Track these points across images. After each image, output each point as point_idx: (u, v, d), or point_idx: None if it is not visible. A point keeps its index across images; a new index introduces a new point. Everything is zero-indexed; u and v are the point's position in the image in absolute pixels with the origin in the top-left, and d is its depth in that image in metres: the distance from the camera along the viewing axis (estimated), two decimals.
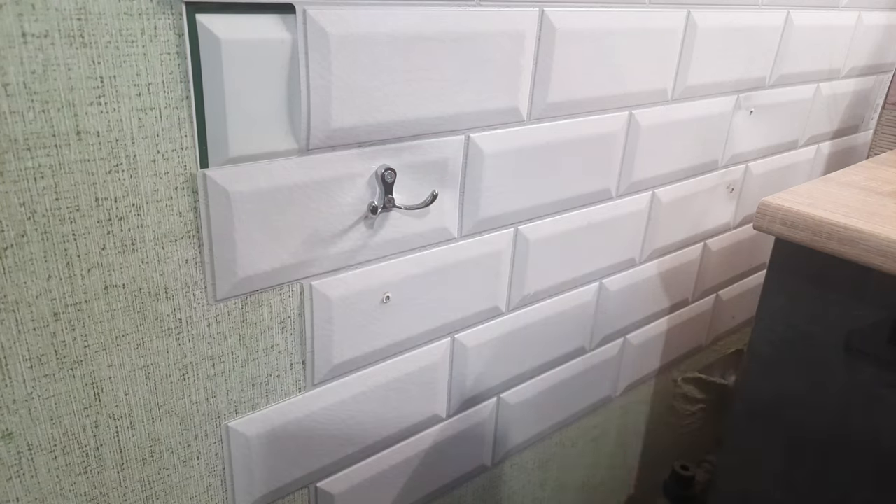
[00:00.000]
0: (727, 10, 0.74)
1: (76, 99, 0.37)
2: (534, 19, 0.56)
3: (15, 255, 0.38)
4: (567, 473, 0.91)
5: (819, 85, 0.97)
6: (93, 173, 0.39)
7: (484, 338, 0.67)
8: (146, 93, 0.39)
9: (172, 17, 0.39)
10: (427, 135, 0.53)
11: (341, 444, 0.59)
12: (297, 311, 0.51)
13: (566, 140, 0.64)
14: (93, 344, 0.42)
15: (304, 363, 0.54)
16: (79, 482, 0.45)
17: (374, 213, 0.52)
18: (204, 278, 0.45)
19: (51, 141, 0.37)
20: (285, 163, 0.46)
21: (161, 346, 0.45)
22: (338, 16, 0.44)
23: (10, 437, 0.41)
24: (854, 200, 0.78)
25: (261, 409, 0.53)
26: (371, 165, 0.51)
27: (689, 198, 0.84)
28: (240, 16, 0.41)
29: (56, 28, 0.35)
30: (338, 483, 0.60)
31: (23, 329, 0.39)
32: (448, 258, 0.59)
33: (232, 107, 0.42)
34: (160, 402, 0.47)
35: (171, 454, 0.49)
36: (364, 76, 0.47)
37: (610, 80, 0.65)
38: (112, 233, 0.41)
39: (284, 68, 0.44)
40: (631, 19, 0.64)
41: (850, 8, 0.93)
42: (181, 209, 0.43)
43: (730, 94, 0.81)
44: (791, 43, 0.86)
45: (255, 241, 0.46)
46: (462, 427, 0.70)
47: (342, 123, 0.47)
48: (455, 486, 0.74)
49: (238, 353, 0.49)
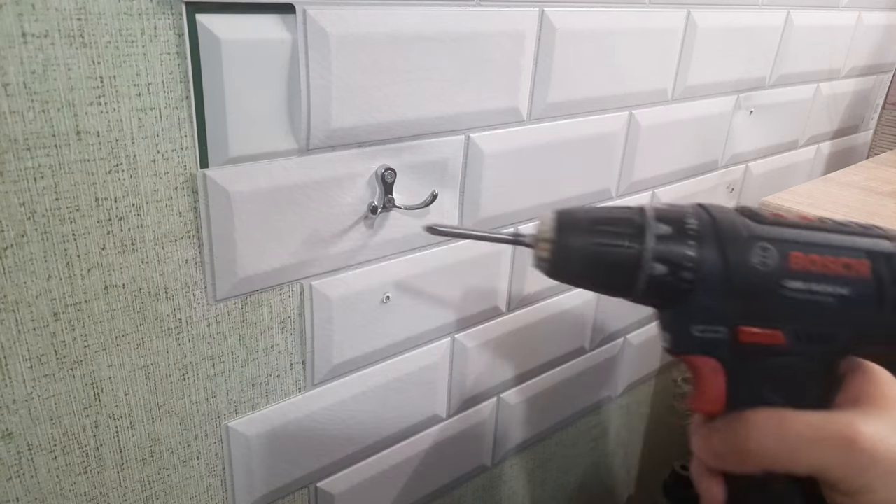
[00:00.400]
0: (727, 10, 0.74)
1: (76, 99, 0.37)
2: (534, 19, 0.56)
3: (15, 255, 0.38)
4: (567, 473, 0.91)
5: (819, 85, 0.97)
6: (93, 173, 0.39)
7: (484, 338, 0.67)
8: (146, 93, 0.39)
9: (172, 17, 0.39)
10: (427, 135, 0.53)
11: (341, 444, 0.59)
12: (297, 311, 0.51)
13: (566, 140, 0.64)
14: (93, 344, 0.42)
15: (304, 363, 0.54)
16: (79, 482, 0.45)
17: (374, 213, 0.52)
18: (204, 278, 0.45)
19: (51, 141, 0.37)
20: (285, 163, 0.46)
21: (161, 346, 0.45)
22: (338, 16, 0.44)
23: (10, 437, 0.41)
24: (854, 200, 0.78)
25: (261, 409, 0.53)
26: (371, 165, 0.51)
27: (689, 198, 0.84)
28: (240, 16, 0.41)
29: (56, 28, 0.35)
30: (338, 483, 0.60)
31: (23, 329, 0.39)
32: (448, 258, 0.59)
33: (232, 107, 0.42)
34: (160, 402, 0.47)
35: (171, 454, 0.49)
36: (364, 76, 0.47)
37: (610, 80, 0.65)
38: (112, 233, 0.41)
39: (284, 68, 0.44)
40: (631, 19, 0.64)
41: (850, 8, 0.93)
42: (181, 209, 0.43)
43: (730, 94, 0.81)
44: (791, 43, 0.86)
45: (255, 241, 0.46)
46: (462, 427, 0.70)
47: (342, 123, 0.47)
48: (455, 486, 0.74)
49: (238, 353, 0.49)
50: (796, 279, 0.30)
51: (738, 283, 0.30)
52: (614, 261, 0.31)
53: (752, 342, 0.31)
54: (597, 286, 0.33)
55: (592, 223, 0.32)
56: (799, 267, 0.30)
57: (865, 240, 0.31)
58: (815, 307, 0.30)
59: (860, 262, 0.30)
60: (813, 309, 0.30)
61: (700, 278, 0.30)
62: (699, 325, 0.31)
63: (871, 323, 0.31)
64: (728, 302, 0.31)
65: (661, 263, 0.31)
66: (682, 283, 0.31)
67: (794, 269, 0.30)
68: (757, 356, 0.32)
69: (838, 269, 0.30)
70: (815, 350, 0.31)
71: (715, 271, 0.30)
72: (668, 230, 0.31)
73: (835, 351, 0.32)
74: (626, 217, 0.32)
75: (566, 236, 0.32)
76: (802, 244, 0.31)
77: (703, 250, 0.30)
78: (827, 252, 0.30)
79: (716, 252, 0.31)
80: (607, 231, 0.31)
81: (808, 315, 0.31)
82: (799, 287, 0.30)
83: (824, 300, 0.30)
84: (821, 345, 0.31)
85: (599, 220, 0.32)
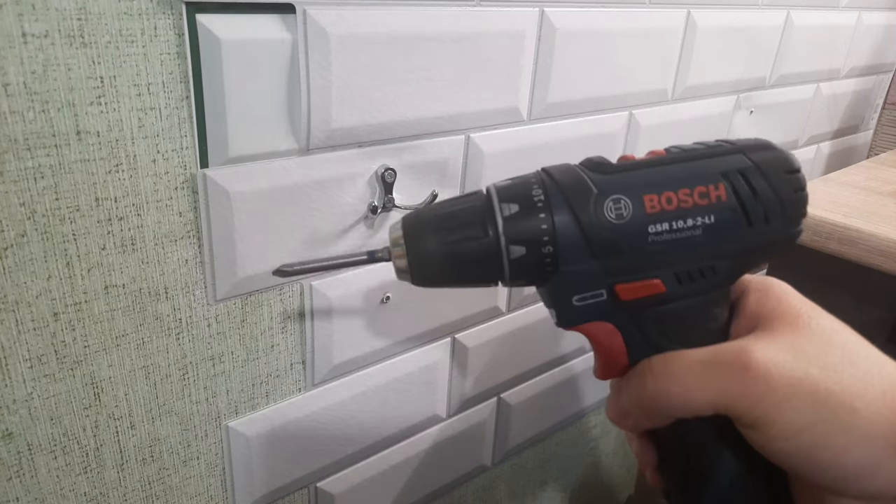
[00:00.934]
0: (727, 10, 0.74)
1: (76, 99, 0.37)
2: (534, 19, 0.56)
3: (15, 255, 0.38)
4: (567, 473, 0.91)
5: (819, 85, 0.97)
6: (93, 173, 0.39)
7: (484, 338, 0.67)
8: (146, 93, 0.39)
9: (172, 17, 0.39)
10: (427, 135, 0.53)
11: (341, 444, 0.59)
12: (297, 311, 0.51)
13: (566, 140, 0.64)
14: (93, 344, 0.42)
15: (304, 363, 0.54)
16: (79, 482, 0.45)
17: (374, 213, 0.52)
18: (204, 278, 0.45)
19: (51, 141, 0.37)
20: (285, 163, 0.46)
21: (161, 346, 0.45)
22: (338, 16, 0.44)
23: (10, 437, 0.41)
24: (854, 200, 0.78)
25: (261, 409, 0.53)
26: (371, 165, 0.51)
27: None
28: (240, 16, 0.41)
29: (56, 28, 0.35)
30: (338, 483, 0.60)
31: (23, 329, 0.39)
32: None
33: (232, 107, 0.42)
34: (160, 402, 0.47)
35: (171, 454, 0.49)
36: (364, 76, 0.47)
37: (610, 80, 0.65)
38: (112, 233, 0.41)
39: (284, 68, 0.44)
40: (631, 19, 0.64)
41: (850, 8, 0.94)
42: (181, 209, 0.43)
43: (730, 94, 0.81)
44: (791, 43, 0.86)
45: (255, 241, 0.46)
46: (462, 427, 0.70)
47: (342, 123, 0.47)
48: (455, 486, 0.74)
49: (238, 353, 0.49)
50: (657, 222, 0.29)
51: (599, 242, 0.29)
52: (471, 256, 0.30)
53: (635, 297, 0.30)
54: (464, 283, 0.32)
55: (439, 222, 0.31)
56: (656, 210, 0.29)
57: (715, 160, 0.30)
58: (685, 245, 0.29)
59: (716, 187, 0.29)
60: (683, 247, 0.29)
61: (561, 250, 0.29)
62: (577, 293, 0.30)
63: (745, 243, 0.29)
64: (597, 263, 0.30)
65: (518, 245, 0.30)
66: (545, 259, 0.30)
67: (652, 213, 0.29)
68: (644, 308, 0.30)
69: (696, 199, 0.29)
70: (700, 287, 0.30)
71: (573, 237, 0.29)
72: (516, 208, 0.30)
73: (720, 282, 0.30)
74: (470, 206, 0.31)
75: (416, 242, 0.31)
76: (653, 185, 0.29)
77: (554, 219, 0.29)
78: (680, 186, 0.29)
79: (568, 217, 0.29)
80: (454, 226, 0.30)
81: (681, 255, 0.29)
82: (662, 230, 0.29)
83: (692, 235, 0.29)
84: (703, 280, 0.30)
85: (444, 217, 0.31)
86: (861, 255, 0.68)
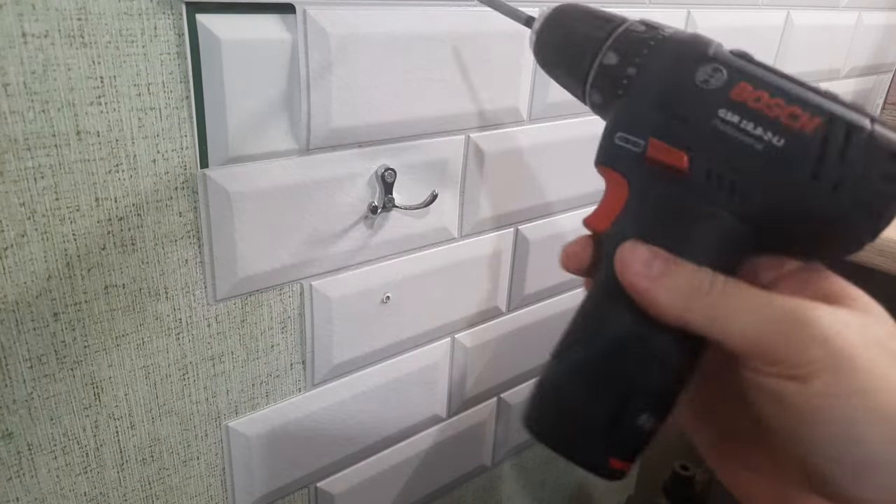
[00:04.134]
0: (727, 10, 0.74)
1: (76, 99, 0.37)
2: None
3: (15, 255, 0.38)
4: (567, 473, 0.91)
5: (819, 85, 0.97)
6: (93, 173, 0.39)
7: (484, 338, 0.67)
8: (146, 93, 0.39)
9: (172, 17, 0.39)
10: (427, 135, 0.53)
11: (341, 444, 0.59)
12: (297, 311, 0.51)
13: (566, 140, 0.64)
14: (93, 344, 0.42)
15: (304, 363, 0.54)
16: (79, 482, 0.45)
17: (374, 213, 0.52)
18: (204, 278, 0.45)
19: (51, 141, 0.37)
20: (285, 163, 0.46)
21: (161, 346, 0.45)
22: (338, 16, 0.44)
23: (10, 437, 0.41)
24: None
25: (261, 409, 0.53)
26: (371, 165, 0.51)
27: None
28: (240, 16, 0.41)
29: (56, 28, 0.35)
30: (338, 483, 0.60)
31: (23, 329, 0.39)
32: (448, 258, 0.59)
33: (232, 107, 0.42)
34: (160, 402, 0.47)
35: (171, 454, 0.49)
36: (364, 76, 0.47)
37: None
38: (112, 233, 0.41)
39: (284, 68, 0.44)
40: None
41: (850, 8, 0.93)
42: (181, 209, 0.43)
43: None
44: (791, 43, 0.86)
45: (255, 241, 0.46)
46: (462, 427, 0.70)
47: (342, 123, 0.47)
48: (455, 486, 0.74)
49: (238, 353, 0.49)
50: (731, 110, 0.27)
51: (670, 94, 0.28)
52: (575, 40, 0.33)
53: (658, 159, 0.28)
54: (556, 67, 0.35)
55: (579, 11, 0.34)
56: (740, 98, 0.27)
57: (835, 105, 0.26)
58: (738, 146, 0.27)
59: (812, 118, 0.26)
60: (735, 147, 0.27)
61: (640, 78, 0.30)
62: (622, 132, 0.30)
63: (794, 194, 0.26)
64: (656, 113, 0.29)
65: (615, 52, 0.31)
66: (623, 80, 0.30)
67: (734, 98, 0.27)
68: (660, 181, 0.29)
69: (782, 114, 0.26)
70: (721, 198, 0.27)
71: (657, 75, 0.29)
72: (640, 28, 0.31)
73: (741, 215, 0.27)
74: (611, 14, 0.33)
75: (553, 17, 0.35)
76: (758, 80, 0.27)
77: (656, 52, 0.30)
78: (780, 95, 0.27)
79: (668, 57, 0.29)
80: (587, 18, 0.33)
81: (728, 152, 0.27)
82: (731, 119, 0.27)
83: (752, 143, 0.26)
84: (728, 195, 0.27)
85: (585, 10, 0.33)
86: (861, 255, 0.68)
